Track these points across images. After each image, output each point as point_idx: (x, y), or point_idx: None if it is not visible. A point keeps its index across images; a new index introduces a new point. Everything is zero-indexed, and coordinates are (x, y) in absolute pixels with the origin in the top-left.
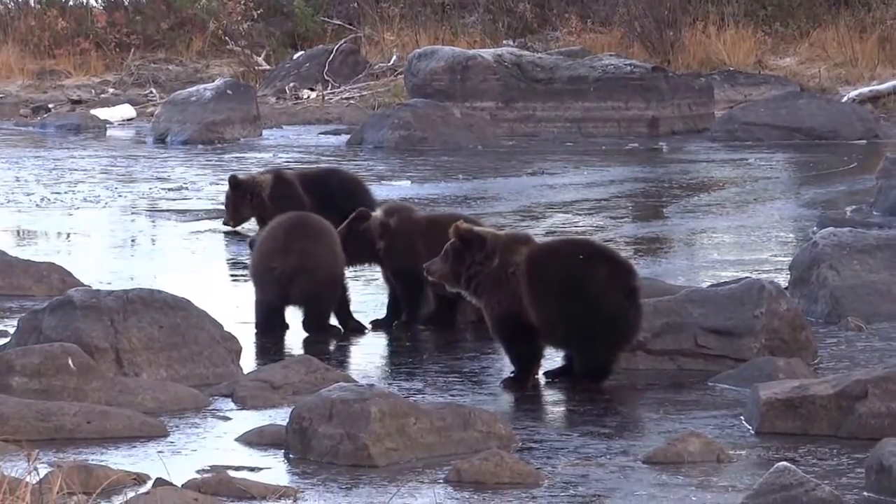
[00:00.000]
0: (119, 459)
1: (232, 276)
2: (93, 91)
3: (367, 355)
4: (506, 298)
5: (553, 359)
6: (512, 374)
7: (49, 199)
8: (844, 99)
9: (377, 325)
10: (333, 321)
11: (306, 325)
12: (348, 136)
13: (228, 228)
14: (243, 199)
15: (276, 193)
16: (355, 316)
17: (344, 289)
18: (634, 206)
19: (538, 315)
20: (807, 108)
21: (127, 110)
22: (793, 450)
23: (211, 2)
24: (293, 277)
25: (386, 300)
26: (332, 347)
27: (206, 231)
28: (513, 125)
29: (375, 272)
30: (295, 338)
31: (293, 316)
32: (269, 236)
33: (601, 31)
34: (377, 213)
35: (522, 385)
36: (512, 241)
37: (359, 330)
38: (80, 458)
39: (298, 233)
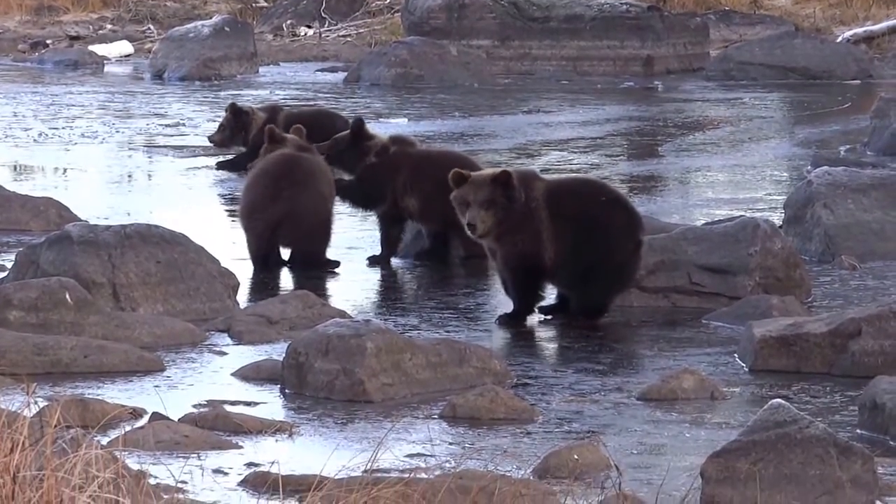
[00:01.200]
0: (116, 393)
1: (229, 211)
2: (91, 27)
3: (364, 291)
4: (529, 237)
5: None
6: (509, 311)
7: (47, 135)
8: (839, 39)
9: (373, 261)
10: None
11: (300, 264)
12: (345, 74)
13: (217, 157)
14: (237, 128)
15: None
16: (350, 252)
17: None
18: (629, 144)
19: (551, 249)
20: (801, 48)
21: (125, 46)
22: (786, 387)
23: None
24: (281, 224)
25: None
26: (328, 283)
27: (202, 167)
28: (509, 63)
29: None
30: (292, 273)
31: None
32: (258, 182)
33: None
34: (384, 136)
35: (519, 322)
36: (527, 178)
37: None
38: (77, 392)
39: (286, 180)
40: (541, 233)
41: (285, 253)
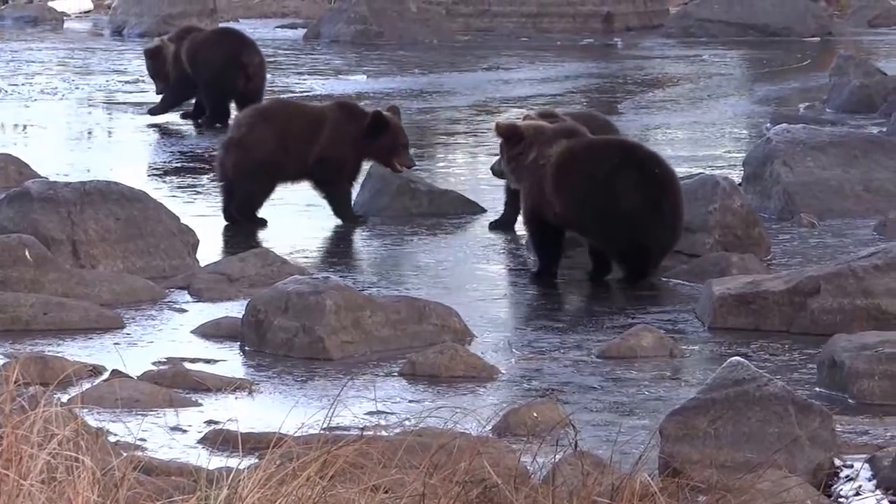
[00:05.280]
0: (75, 351)
1: (189, 168)
2: None
3: (323, 248)
4: (533, 190)
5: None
6: (535, 269)
7: (6, 91)
8: None
9: (494, 226)
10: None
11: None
12: (304, 31)
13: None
14: (161, 69)
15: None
16: (309, 210)
17: None
18: (589, 101)
19: (558, 204)
20: (761, 4)
21: (84, 2)
22: (745, 345)
23: None
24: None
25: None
26: (287, 240)
27: (163, 123)
28: (468, 20)
29: None
30: (250, 230)
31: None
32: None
33: None
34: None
35: (543, 279)
36: (555, 134)
37: None
38: (37, 350)
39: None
40: (543, 189)
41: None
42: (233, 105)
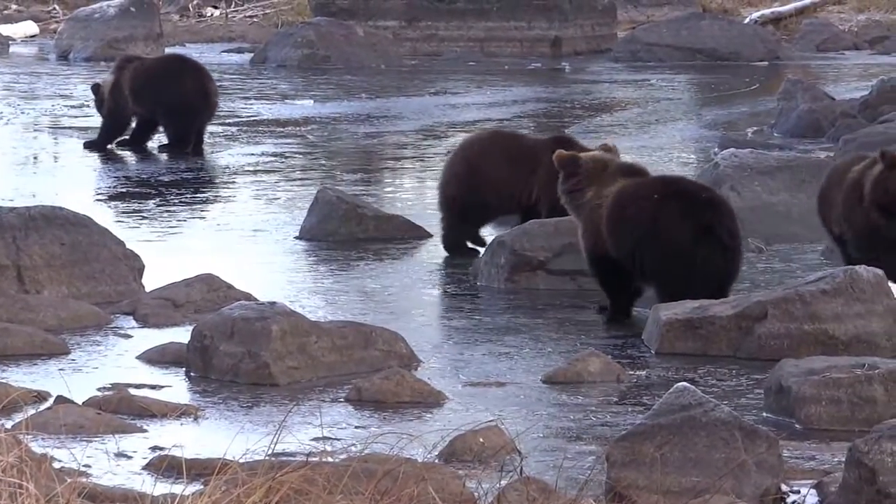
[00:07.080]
0: (20, 377)
1: (134, 193)
2: None
3: (269, 274)
4: (590, 233)
5: None
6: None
7: None
8: (746, 20)
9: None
10: None
11: None
12: (251, 55)
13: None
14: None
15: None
16: (256, 235)
17: None
18: (537, 125)
19: (612, 247)
20: (709, 29)
21: (30, 27)
22: (692, 370)
23: None
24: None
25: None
26: (234, 266)
27: (109, 148)
28: (416, 44)
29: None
30: (196, 255)
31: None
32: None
33: None
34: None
35: (614, 316)
36: (616, 173)
37: None
38: None
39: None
40: (599, 230)
41: None
42: None
